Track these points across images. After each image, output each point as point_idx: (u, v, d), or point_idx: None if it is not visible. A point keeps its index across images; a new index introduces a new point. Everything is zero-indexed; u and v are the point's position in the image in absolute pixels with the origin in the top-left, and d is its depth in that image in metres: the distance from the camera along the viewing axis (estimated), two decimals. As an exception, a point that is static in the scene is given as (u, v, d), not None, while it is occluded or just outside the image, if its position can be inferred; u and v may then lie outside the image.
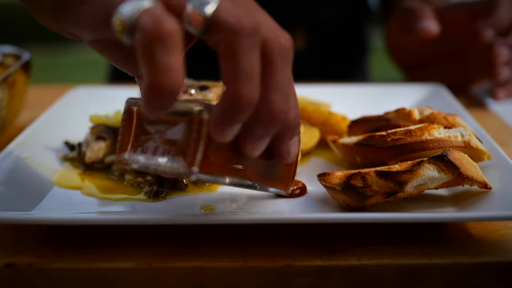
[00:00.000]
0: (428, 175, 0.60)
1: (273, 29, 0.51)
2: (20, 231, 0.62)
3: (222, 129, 0.50)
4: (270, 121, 0.51)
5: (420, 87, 1.00)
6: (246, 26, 0.49)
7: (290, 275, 0.57)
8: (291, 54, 0.53)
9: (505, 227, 0.62)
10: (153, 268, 0.57)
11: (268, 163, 0.59)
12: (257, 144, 0.53)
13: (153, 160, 0.55)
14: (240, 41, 0.48)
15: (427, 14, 1.03)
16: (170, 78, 0.47)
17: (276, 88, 0.51)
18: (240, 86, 0.49)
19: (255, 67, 0.49)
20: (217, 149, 0.54)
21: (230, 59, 0.49)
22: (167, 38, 0.47)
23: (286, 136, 0.55)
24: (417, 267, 0.57)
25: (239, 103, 0.49)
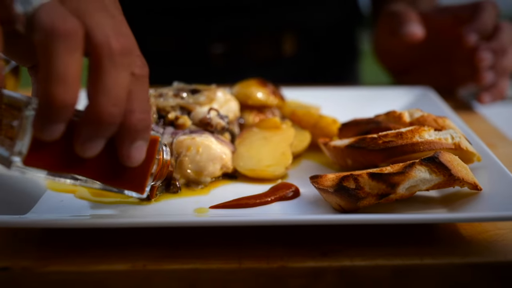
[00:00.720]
0: (419, 176, 0.61)
1: (106, 32, 0.51)
2: (15, 234, 0.62)
3: (40, 127, 0.51)
4: (98, 124, 0.51)
5: (408, 90, 1.01)
6: (61, 28, 0.48)
7: (284, 277, 0.58)
8: (125, 57, 0.52)
9: (495, 228, 0.63)
10: (147, 270, 0.57)
11: (117, 165, 0.57)
12: (87, 145, 0.53)
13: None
14: (53, 43, 0.48)
15: (412, 18, 1.04)
16: None
17: (103, 91, 0.51)
18: (52, 88, 0.49)
19: (70, 70, 0.49)
20: (50, 147, 0.54)
21: (43, 59, 0.49)
22: None
23: (125, 140, 0.54)
24: (409, 267, 0.58)
25: (51, 105, 0.49)
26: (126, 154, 0.55)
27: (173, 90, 0.77)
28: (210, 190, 0.71)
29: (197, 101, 0.76)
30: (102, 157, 0.55)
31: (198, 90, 0.78)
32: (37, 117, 0.51)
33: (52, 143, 0.53)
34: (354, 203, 0.61)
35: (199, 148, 0.71)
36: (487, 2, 1.01)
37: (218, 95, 0.77)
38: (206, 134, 0.73)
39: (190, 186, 0.71)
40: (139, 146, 0.55)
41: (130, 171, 0.58)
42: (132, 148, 0.55)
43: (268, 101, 0.83)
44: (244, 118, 0.82)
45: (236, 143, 0.76)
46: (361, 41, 1.45)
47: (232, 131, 0.78)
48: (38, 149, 0.53)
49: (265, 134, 0.77)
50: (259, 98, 0.83)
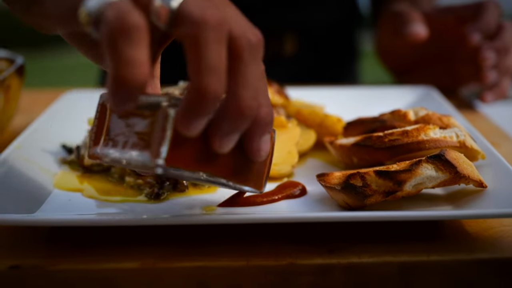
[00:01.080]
0: (426, 174, 0.61)
1: (242, 25, 0.52)
2: (24, 233, 0.62)
3: (188, 122, 0.50)
4: (238, 117, 0.51)
5: (411, 90, 1.02)
6: (211, 20, 0.49)
7: (292, 274, 0.58)
8: (261, 50, 0.53)
9: (500, 225, 0.64)
10: (157, 268, 0.58)
11: (241, 161, 0.58)
12: (225, 140, 0.53)
13: (123, 154, 0.55)
14: (204, 34, 0.49)
15: (415, 18, 1.05)
16: (134, 72, 0.47)
17: (244, 84, 0.51)
18: (204, 79, 0.49)
19: (220, 61, 0.49)
20: (186, 144, 0.53)
21: (194, 52, 0.49)
22: (131, 31, 0.47)
23: (256, 134, 0.55)
24: (416, 264, 0.58)
25: (203, 97, 0.49)
26: (256, 147, 0.55)
27: (179, 90, 0.78)
28: (217, 189, 0.71)
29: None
30: (229, 154, 0.56)
31: (203, 89, 0.78)
32: (185, 112, 0.50)
33: (188, 141, 0.53)
34: (361, 201, 0.62)
35: (206, 147, 0.71)
36: (490, 2, 1.01)
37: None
38: (213, 133, 0.73)
39: (197, 185, 0.71)
40: (267, 139, 0.56)
41: (251, 167, 0.59)
42: (261, 141, 0.55)
43: (273, 101, 0.84)
44: (249, 117, 0.82)
45: (242, 142, 0.77)
46: (360, 42, 1.46)
47: (238, 130, 0.78)
48: (176, 148, 0.53)
49: (271, 133, 0.77)
50: (264, 97, 0.83)
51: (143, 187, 0.70)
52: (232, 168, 0.57)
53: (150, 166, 0.53)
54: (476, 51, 1.01)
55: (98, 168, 0.75)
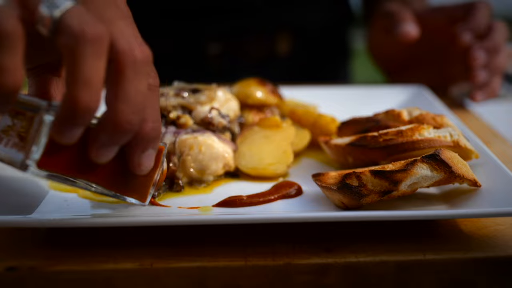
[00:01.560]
0: (421, 174, 0.62)
1: (129, 41, 0.52)
2: (21, 234, 0.62)
3: (60, 131, 0.51)
4: (116, 131, 0.52)
5: (403, 89, 1.02)
6: (89, 33, 0.49)
7: (290, 273, 0.59)
8: (146, 66, 0.53)
9: (494, 223, 0.64)
10: (155, 269, 0.58)
11: (124, 173, 0.58)
12: (102, 151, 0.53)
13: (5, 152, 0.55)
14: (81, 48, 0.49)
15: (406, 18, 1.05)
16: (6, 78, 0.47)
17: (124, 99, 0.51)
18: (77, 92, 0.49)
19: (95, 75, 0.50)
20: (65, 150, 0.54)
21: (70, 64, 0.49)
22: (5, 38, 0.47)
23: (138, 148, 0.55)
24: (412, 263, 0.59)
25: (75, 108, 0.49)
26: (137, 162, 0.56)
27: (174, 90, 0.78)
28: (213, 189, 0.71)
29: (198, 100, 0.76)
30: (111, 164, 0.56)
31: (198, 89, 0.78)
32: (58, 120, 0.51)
33: (65, 147, 0.54)
34: (357, 201, 0.62)
35: (202, 147, 0.71)
36: (480, 2, 1.02)
37: (219, 95, 0.78)
38: (208, 133, 0.73)
39: (193, 184, 0.72)
40: (150, 154, 0.57)
41: (135, 179, 0.59)
42: (143, 156, 0.56)
43: (268, 100, 0.84)
44: (244, 117, 0.83)
45: (238, 142, 0.77)
46: (352, 41, 1.46)
47: (233, 130, 0.79)
48: (51, 153, 0.54)
49: (266, 132, 0.78)
50: (258, 97, 0.83)
51: (139, 187, 0.69)
52: (114, 178, 0.58)
53: (20, 166, 0.53)
54: (467, 50, 1.01)
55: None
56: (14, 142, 0.54)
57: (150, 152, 0.56)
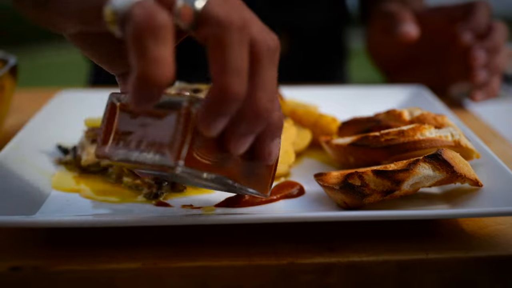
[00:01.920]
0: (423, 173, 0.62)
1: (261, 29, 0.53)
2: (24, 234, 0.62)
3: (209, 122, 0.51)
4: (255, 119, 0.52)
5: (403, 89, 1.03)
6: (235, 21, 0.50)
7: (294, 273, 0.59)
8: (278, 55, 0.54)
9: (495, 223, 0.65)
10: (158, 268, 0.58)
11: (249, 164, 0.58)
12: (241, 141, 0.53)
13: (136, 153, 0.54)
14: (229, 35, 0.49)
15: (406, 18, 1.05)
16: (160, 70, 0.47)
17: (263, 87, 0.52)
18: (228, 80, 0.49)
19: (243, 62, 0.50)
20: (202, 145, 0.54)
21: (219, 52, 0.49)
22: (159, 30, 0.47)
23: (268, 137, 0.56)
24: (414, 262, 0.59)
25: (226, 96, 0.50)
26: (268, 150, 0.56)
27: (176, 90, 0.78)
28: (215, 189, 0.71)
29: (199, 100, 0.76)
30: (239, 157, 0.56)
31: (200, 89, 0.78)
32: (206, 111, 0.50)
33: (203, 142, 0.53)
34: (359, 200, 0.62)
35: (204, 147, 0.71)
36: (480, 2, 1.03)
37: (220, 95, 0.78)
38: (210, 133, 0.73)
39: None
40: (278, 143, 0.57)
41: (259, 170, 0.59)
42: (273, 145, 0.56)
43: (269, 100, 0.84)
44: (245, 117, 0.83)
45: (239, 142, 0.77)
46: (349, 41, 1.47)
47: (234, 130, 0.79)
48: (193, 150, 0.53)
49: (268, 132, 0.78)
50: (259, 97, 0.83)
51: (141, 187, 0.70)
52: (241, 171, 0.58)
53: (170, 166, 0.52)
54: (467, 50, 1.02)
55: (95, 169, 0.75)
56: (149, 142, 0.54)
57: (278, 141, 0.57)
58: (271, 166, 0.61)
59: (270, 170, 0.61)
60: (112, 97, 0.58)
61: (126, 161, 0.55)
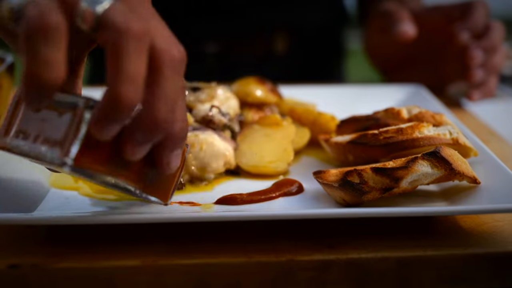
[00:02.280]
0: (422, 171, 0.62)
1: (167, 39, 0.52)
2: (23, 232, 0.62)
3: (101, 126, 0.51)
4: (152, 129, 0.52)
5: (401, 88, 1.03)
6: (134, 30, 0.49)
7: (292, 270, 0.59)
8: (183, 66, 0.53)
9: (492, 220, 0.65)
10: (158, 266, 0.58)
11: (150, 171, 0.58)
12: (137, 149, 0.53)
13: (33, 148, 0.55)
14: (125, 43, 0.49)
15: (404, 18, 1.06)
16: (49, 72, 0.47)
17: (162, 97, 0.51)
18: (121, 87, 0.49)
19: (139, 71, 0.50)
20: (98, 147, 0.54)
21: (114, 59, 0.49)
22: (50, 32, 0.47)
23: (168, 147, 0.55)
24: (413, 259, 0.60)
25: (118, 103, 0.49)
26: (166, 161, 0.56)
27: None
28: (214, 187, 0.72)
29: (198, 98, 0.77)
30: (138, 163, 0.56)
31: (198, 88, 0.79)
32: (99, 116, 0.50)
33: (98, 145, 0.53)
34: (358, 197, 0.63)
35: (203, 145, 0.72)
36: (478, 2, 1.03)
37: (219, 93, 0.78)
38: (209, 131, 0.74)
39: (194, 182, 0.72)
40: (178, 154, 0.56)
41: (159, 178, 0.59)
42: (172, 155, 0.56)
43: (267, 99, 0.84)
44: (244, 115, 0.83)
45: (238, 140, 0.77)
46: (347, 41, 1.47)
47: (233, 128, 0.79)
48: (85, 150, 0.53)
49: (267, 131, 0.78)
50: (258, 95, 0.84)
51: (140, 185, 0.70)
52: (140, 177, 0.58)
53: (58, 163, 0.53)
54: (464, 50, 1.02)
55: (93, 167, 0.74)
56: (45, 138, 0.54)
57: (178, 152, 0.56)
58: (173, 175, 0.60)
59: (172, 178, 0.61)
60: (18, 91, 0.58)
61: (24, 154, 0.56)
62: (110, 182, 0.57)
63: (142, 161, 0.56)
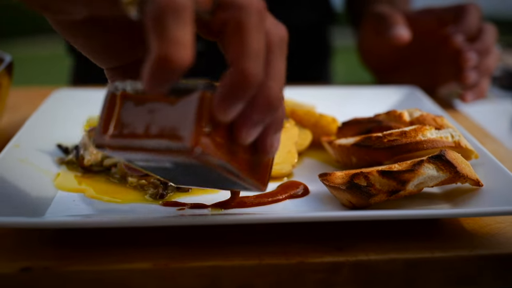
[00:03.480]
0: (428, 174, 0.64)
1: (272, 19, 0.53)
2: (34, 235, 0.62)
3: (226, 106, 0.50)
4: (268, 107, 0.51)
5: (396, 89, 1.04)
6: (255, 5, 0.50)
7: (303, 272, 0.60)
8: (286, 46, 0.54)
9: (495, 222, 0.67)
10: (169, 268, 0.58)
11: (251, 157, 0.56)
12: (251, 130, 0.53)
13: (142, 140, 0.51)
14: (250, 18, 0.49)
15: (398, 21, 1.07)
16: (181, 51, 0.46)
17: (274, 76, 0.52)
18: (248, 63, 0.49)
19: (262, 47, 0.50)
20: (216, 134, 0.52)
21: (239, 36, 0.49)
22: (181, 11, 0.46)
23: (272, 129, 0.55)
24: (421, 260, 0.61)
25: (245, 80, 0.49)
26: (270, 143, 0.55)
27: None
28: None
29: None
30: (243, 148, 0.55)
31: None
32: (223, 95, 0.49)
33: (217, 130, 0.52)
34: (366, 200, 0.64)
35: (209, 147, 0.72)
36: (471, 5, 1.05)
37: (222, 95, 0.78)
38: (214, 133, 0.74)
39: (199, 184, 0.72)
40: (279, 136, 0.56)
41: (258, 164, 0.58)
42: (275, 137, 0.55)
43: (268, 101, 0.85)
44: (245, 117, 0.83)
45: (242, 142, 0.78)
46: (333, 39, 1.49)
47: (235, 130, 0.79)
48: (209, 137, 0.51)
49: (270, 133, 0.79)
50: (259, 97, 0.84)
51: (147, 187, 0.70)
52: (245, 163, 0.56)
53: (187, 150, 0.50)
54: (457, 52, 1.04)
55: (98, 169, 0.75)
56: (160, 128, 0.51)
57: (279, 135, 0.56)
58: (269, 161, 0.59)
59: (268, 164, 0.59)
60: (110, 87, 0.55)
61: (129, 148, 0.52)
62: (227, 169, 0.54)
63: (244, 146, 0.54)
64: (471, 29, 1.03)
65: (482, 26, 1.05)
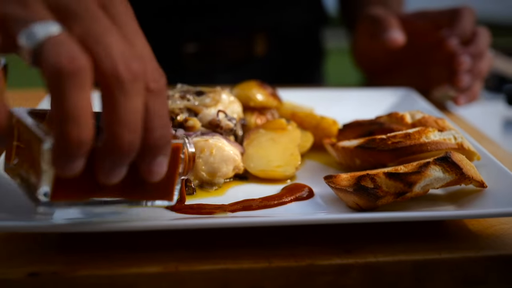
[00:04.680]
0: (434, 175, 0.64)
1: (114, 60, 0.49)
2: (41, 239, 0.61)
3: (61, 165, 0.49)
4: (118, 153, 0.51)
5: (391, 91, 1.05)
6: (67, 67, 0.47)
7: (312, 274, 0.60)
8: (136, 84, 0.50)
9: (499, 223, 0.67)
10: (179, 272, 0.58)
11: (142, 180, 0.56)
12: (111, 174, 0.52)
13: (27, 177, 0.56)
14: (62, 82, 0.47)
15: (393, 24, 1.07)
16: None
17: (119, 122, 0.50)
18: (66, 128, 0.47)
19: (82, 107, 0.47)
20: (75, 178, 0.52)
21: (54, 99, 0.48)
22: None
23: (146, 158, 0.54)
24: (428, 262, 0.61)
25: (68, 144, 0.48)
26: (147, 170, 0.54)
27: (179, 92, 0.78)
28: (225, 191, 0.72)
29: (203, 103, 0.77)
30: (126, 177, 0.54)
31: (203, 92, 0.79)
32: (55, 155, 0.49)
33: None
34: (373, 202, 0.64)
35: (213, 150, 0.72)
36: (465, 8, 1.06)
37: (223, 97, 0.79)
38: (217, 136, 0.74)
39: (204, 187, 0.72)
40: (161, 161, 0.54)
41: (155, 183, 0.57)
42: (153, 164, 0.54)
43: (269, 103, 0.85)
44: (246, 120, 0.83)
45: (245, 144, 0.78)
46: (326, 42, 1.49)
47: (237, 132, 0.79)
48: (63, 182, 0.52)
49: (272, 135, 0.79)
50: (260, 100, 0.84)
51: (151, 190, 0.69)
52: (133, 188, 0.57)
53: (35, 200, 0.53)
54: (451, 55, 1.05)
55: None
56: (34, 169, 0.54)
57: (161, 159, 0.54)
58: (172, 175, 0.58)
59: (170, 178, 0.58)
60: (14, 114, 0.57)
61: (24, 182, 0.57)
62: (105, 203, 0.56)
63: (129, 173, 0.54)
64: (465, 32, 1.04)
65: (476, 29, 1.06)
